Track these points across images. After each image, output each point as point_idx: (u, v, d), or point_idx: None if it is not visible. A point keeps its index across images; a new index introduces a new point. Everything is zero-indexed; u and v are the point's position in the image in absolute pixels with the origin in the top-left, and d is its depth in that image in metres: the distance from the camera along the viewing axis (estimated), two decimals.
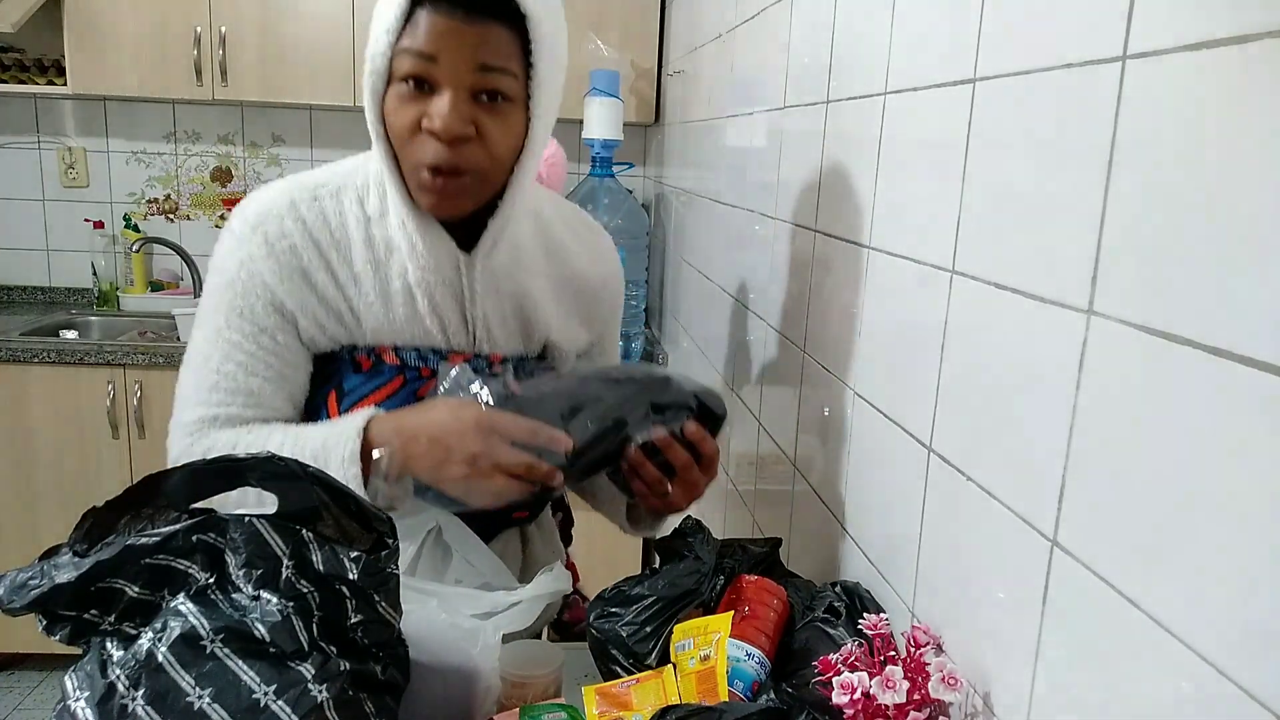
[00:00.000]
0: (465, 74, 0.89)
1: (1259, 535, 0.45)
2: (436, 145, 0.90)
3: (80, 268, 3.07)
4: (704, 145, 2.03)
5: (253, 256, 0.98)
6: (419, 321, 1.01)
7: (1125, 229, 0.56)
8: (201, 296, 1.02)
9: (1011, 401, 0.69)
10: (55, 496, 2.59)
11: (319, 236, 0.99)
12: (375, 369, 1.02)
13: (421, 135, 0.90)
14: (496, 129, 0.91)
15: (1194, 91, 0.51)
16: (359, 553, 0.74)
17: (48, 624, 0.73)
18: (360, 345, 1.02)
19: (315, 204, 1.00)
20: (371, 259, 1.00)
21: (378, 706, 0.76)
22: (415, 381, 1.02)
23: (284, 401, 1.01)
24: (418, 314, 1.01)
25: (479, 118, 0.90)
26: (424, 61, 0.88)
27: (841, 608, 0.91)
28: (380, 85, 0.91)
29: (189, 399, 0.99)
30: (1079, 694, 0.60)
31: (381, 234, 1.00)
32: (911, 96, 0.89)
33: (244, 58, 2.66)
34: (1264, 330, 0.45)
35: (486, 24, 0.88)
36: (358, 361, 1.02)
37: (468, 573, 1.01)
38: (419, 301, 1.00)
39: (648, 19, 2.70)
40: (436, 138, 0.89)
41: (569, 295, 1.11)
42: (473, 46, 0.88)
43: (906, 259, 0.89)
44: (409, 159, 0.93)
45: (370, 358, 1.02)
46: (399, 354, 1.02)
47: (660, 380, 0.99)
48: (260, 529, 0.73)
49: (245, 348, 0.98)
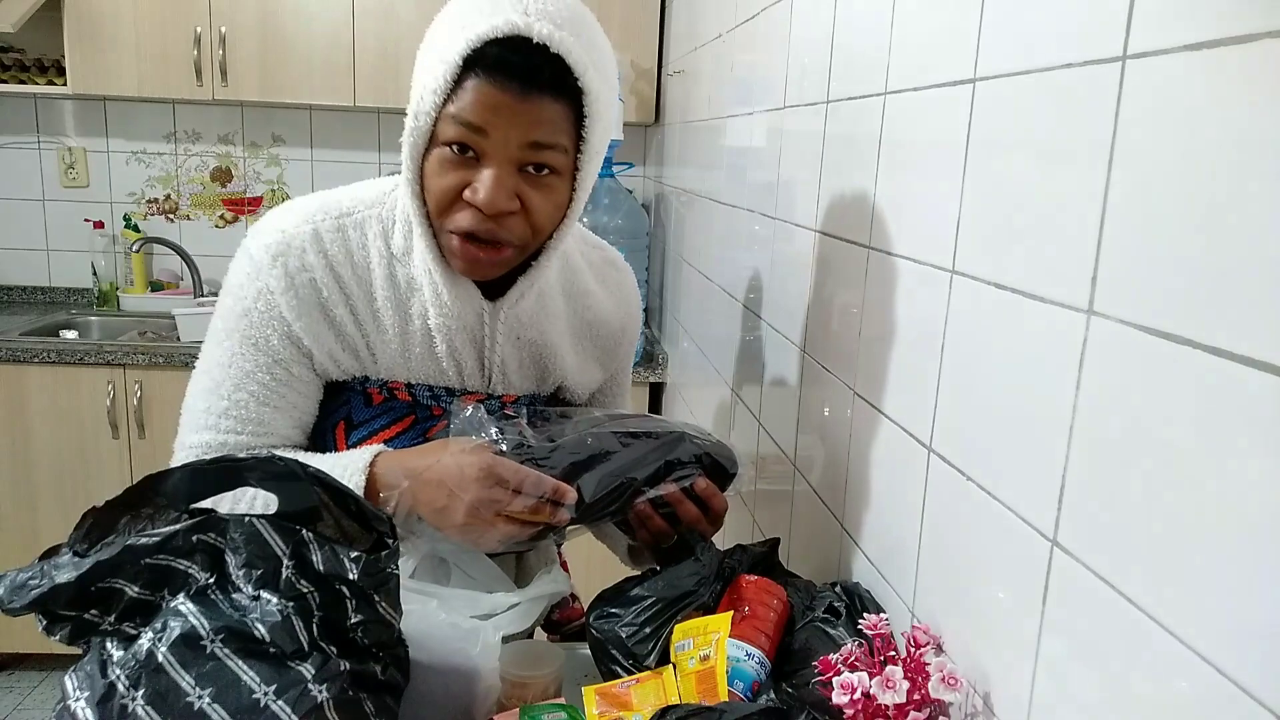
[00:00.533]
0: (515, 149, 0.86)
1: (1259, 535, 0.45)
2: (478, 216, 0.88)
3: (80, 268, 3.07)
4: (704, 145, 2.03)
5: (271, 289, 0.95)
6: (435, 362, 1.00)
7: (1125, 229, 0.56)
8: (215, 313, 1.00)
9: (1011, 401, 0.69)
10: (55, 496, 2.59)
11: (341, 270, 0.97)
12: (387, 404, 1.01)
13: (462, 202, 0.88)
14: (540, 201, 0.89)
15: (1194, 91, 0.51)
16: (359, 553, 0.74)
17: (48, 624, 0.73)
18: (373, 379, 1.01)
19: (339, 234, 0.97)
20: (393, 297, 0.98)
21: (378, 706, 0.76)
22: (427, 421, 1.02)
23: (293, 429, 1.00)
24: (435, 356, 1.00)
25: (523, 190, 0.88)
26: (472, 133, 0.85)
27: (841, 608, 0.91)
28: (422, 145, 0.88)
29: (198, 422, 0.97)
30: (1079, 694, 0.60)
31: (404, 273, 0.98)
32: (911, 96, 0.89)
33: (244, 58, 2.66)
34: (1264, 330, 0.45)
35: (542, 100, 0.85)
36: (369, 394, 1.01)
37: (467, 584, 1.01)
38: (437, 345, 0.99)
39: (648, 19, 2.70)
40: (479, 210, 0.87)
41: (588, 340, 1.12)
42: (526, 123, 0.85)
43: (906, 259, 0.89)
44: (447, 222, 0.90)
45: (383, 392, 1.01)
46: (412, 391, 1.01)
47: (673, 438, 0.99)
48: (260, 529, 0.73)
49: (258, 378, 0.96)
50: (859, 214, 1.02)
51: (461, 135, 0.85)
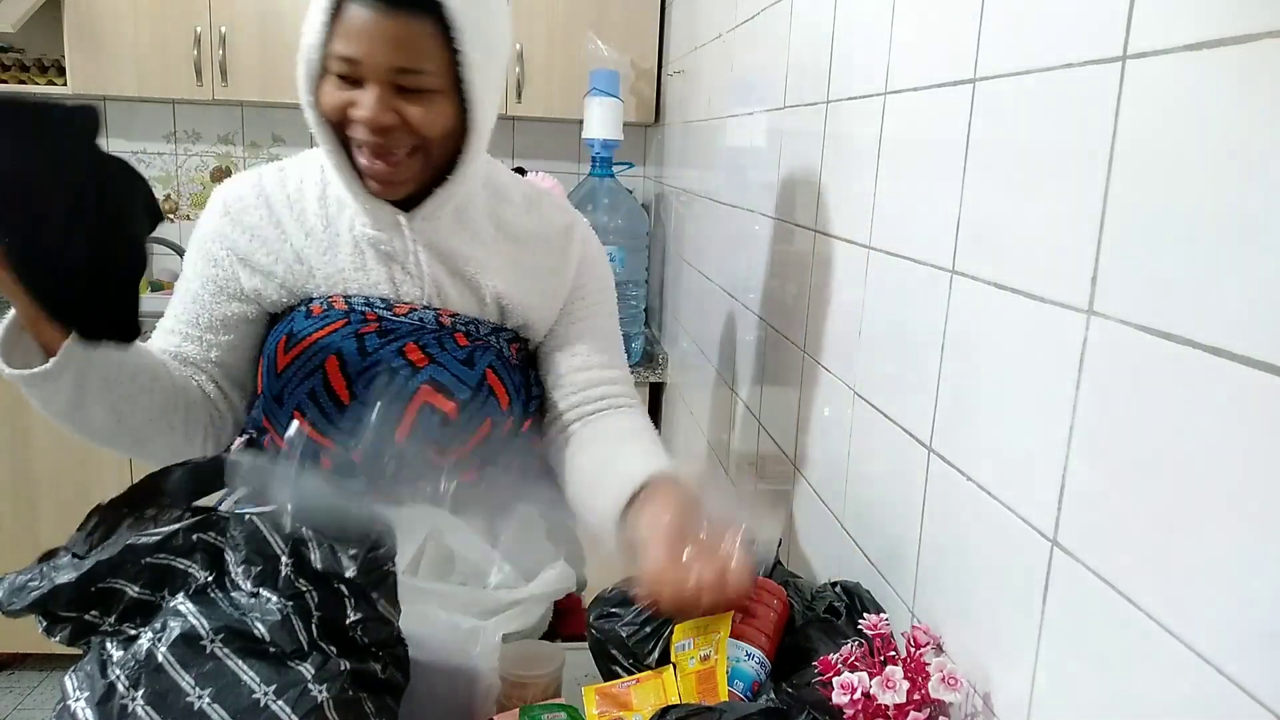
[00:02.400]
0: (384, 74, 0.95)
1: (1259, 535, 0.45)
2: (365, 129, 0.97)
3: None
4: (704, 145, 2.03)
5: (210, 216, 1.10)
6: (368, 272, 1.07)
7: (1125, 229, 0.56)
8: None
9: (1012, 402, 0.69)
10: (55, 497, 2.59)
11: (275, 198, 1.09)
12: (324, 314, 1.06)
13: (353, 121, 0.98)
14: (420, 114, 0.97)
15: (1194, 91, 0.51)
16: (355, 550, 0.74)
17: (48, 625, 0.73)
18: (316, 296, 1.07)
19: (279, 174, 1.11)
20: (323, 214, 1.08)
21: (378, 706, 0.76)
22: (359, 323, 1.05)
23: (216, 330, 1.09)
24: (366, 265, 1.07)
25: (399, 106, 0.97)
26: (349, 65, 0.95)
27: (841, 608, 0.91)
28: (315, 73, 0.98)
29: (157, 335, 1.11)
30: (1079, 694, 0.60)
31: (335, 194, 1.08)
32: (911, 96, 0.89)
33: (244, 58, 2.66)
34: (1264, 330, 0.45)
35: (405, 20, 0.94)
36: (310, 310, 1.07)
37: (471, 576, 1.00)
38: (366, 253, 1.07)
39: (648, 19, 2.70)
40: (365, 125, 0.97)
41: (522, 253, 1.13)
42: (390, 49, 0.94)
43: (906, 259, 0.89)
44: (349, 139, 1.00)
45: (322, 305, 1.07)
46: (348, 301, 1.07)
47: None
48: (259, 526, 0.73)
49: (193, 282, 1.09)
50: (859, 214, 1.02)
51: (342, 68, 0.96)
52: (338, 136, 1.00)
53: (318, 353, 1.04)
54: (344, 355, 1.03)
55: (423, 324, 1.07)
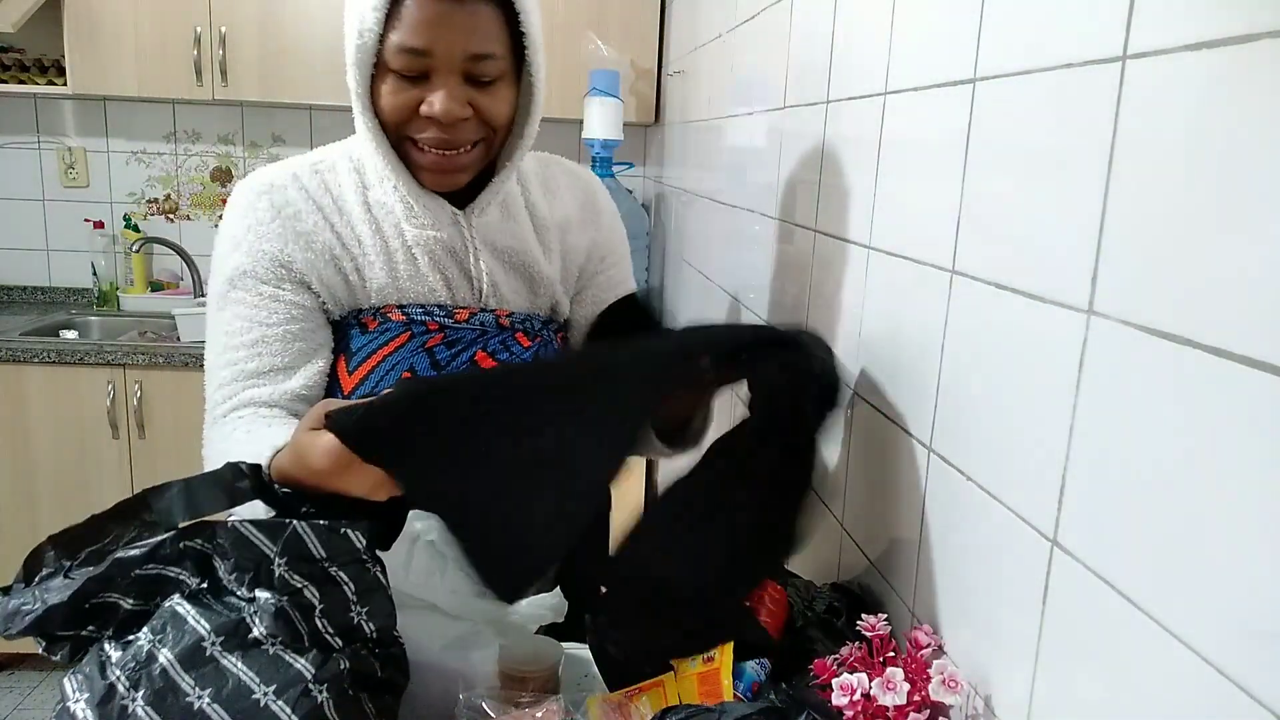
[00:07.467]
0: (458, 63, 0.92)
1: (1259, 535, 0.45)
2: (437, 126, 0.94)
3: (80, 268, 3.07)
4: (704, 145, 2.03)
5: (260, 220, 1.00)
6: (422, 279, 1.03)
7: (1125, 229, 0.56)
8: (213, 274, 1.03)
9: (1011, 401, 0.69)
10: (55, 496, 2.59)
11: (321, 202, 1.02)
12: (381, 327, 1.03)
13: (419, 118, 0.94)
14: (490, 102, 0.95)
15: (1194, 91, 0.51)
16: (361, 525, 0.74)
17: (47, 645, 0.73)
18: (366, 308, 1.03)
19: (315, 175, 1.04)
20: (370, 220, 1.03)
21: (378, 707, 0.76)
22: (423, 334, 1.03)
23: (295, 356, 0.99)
24: (420, 273, 1.03)
25: (472, 96, 0.94)
26: (418, 58, 0.91)
27: (841, 608, 0.91)
28: (369, 64, 0.93)
29: (210, 379, 1.00)
30: (1079, 694, 0.60)
31: (378, 199, 1.03)
32: (911, 96, 0.89)
33: (244, 58, 2.66)
34: (1264, 330, 0.45)
35: (471, 3, 0.91)
36: (364, 324, 1.03)
37: (464, 581, 1.00)
38: (420, 260, 1.03)
39: (648, 19, 2.70)
40: (436, 121, 0.94)
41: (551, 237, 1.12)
42: (464, 35, 0.91)
43: (906, 259, 0.89)
44: (408, 138, 0.96)
45: (377, 318, 1.03)
46: (405, 311, 1.03)
47: None
48: (244, 532, 0.73)
49: (249, 302, 1.00)
50: (859, 214, 1.02)
51: (409, 63, 0.92)
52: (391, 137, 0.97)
53: (389, 372, 1.00)
54: (417, 373, 1.00)
55: (485, 329, 1.05)
